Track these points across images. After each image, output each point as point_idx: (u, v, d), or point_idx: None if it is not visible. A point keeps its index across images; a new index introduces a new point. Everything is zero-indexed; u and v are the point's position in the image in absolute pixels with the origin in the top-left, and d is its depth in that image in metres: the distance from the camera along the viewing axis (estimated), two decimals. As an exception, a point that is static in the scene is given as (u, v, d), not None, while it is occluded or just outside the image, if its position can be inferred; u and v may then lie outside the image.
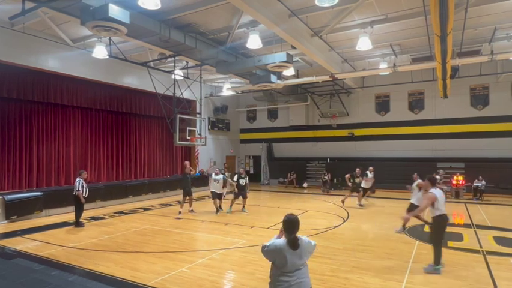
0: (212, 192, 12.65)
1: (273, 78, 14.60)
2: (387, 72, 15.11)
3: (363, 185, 13.88)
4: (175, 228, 10.09)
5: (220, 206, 12.84)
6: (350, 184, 14.01)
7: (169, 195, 17.20)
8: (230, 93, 19.94)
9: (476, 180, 15.82)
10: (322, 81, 16.79)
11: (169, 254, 7.43)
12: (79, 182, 10.40)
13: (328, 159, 21.31)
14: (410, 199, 10.04)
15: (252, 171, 25.07)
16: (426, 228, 8.63)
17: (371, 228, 10.10)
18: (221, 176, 12.76)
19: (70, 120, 14.62)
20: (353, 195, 13.93)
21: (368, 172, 14.14)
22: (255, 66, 13.18)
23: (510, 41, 13.20)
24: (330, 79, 15.51)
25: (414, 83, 17.83)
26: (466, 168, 17.24)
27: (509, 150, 16.95)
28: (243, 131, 25.75)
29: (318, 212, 12.80)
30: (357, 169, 13.95)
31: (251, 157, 25.34)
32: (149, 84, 14.24)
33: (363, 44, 11.49)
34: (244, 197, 12.77)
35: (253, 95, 22.24)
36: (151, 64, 14.02)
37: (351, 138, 21.28)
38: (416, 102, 19.75)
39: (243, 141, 25.64)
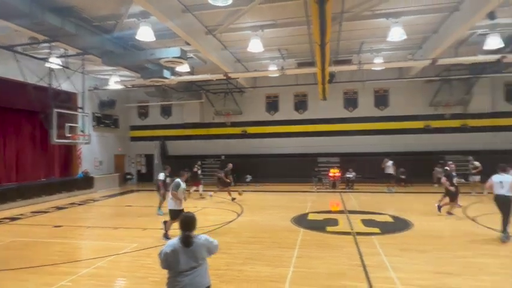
0: (174, 210, 8.08)
1: (166, 73, 14.14)
2: (277, 74, 16.24)
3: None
4: (54, 238, 8.88)
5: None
6: (228, 181, 14.66)
7: (45, 200, 15.00)
8: (118, 87, 18.47)
9: (348, 172, 18.34)
10: (216, 80, 17.03)
11: (46, 268, 6.50)
12: None
13: (223, 157, 21.74)
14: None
15: (144, 171, 23.82)
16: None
17: (261, 220, 10.71)
18: (181, 183, 8.30)
19: None
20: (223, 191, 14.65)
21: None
22: (146, 60, 12.54)
23: (373, 54, 15.65)
24: (224, 78, 15.84)
25: (299, 86, 19.63)
26: (341, 162, 19.79)
27: (373, 146, 20.12)
28: (133, 128, 24.19)
29: (213, 208, 12.97)
30: (230, 164, 15.05)
31: (143, 155, 24.03)
32: (16, 71, 12.13)
33: (255, 46, 12.09)
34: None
35: (144, 90, 21.12)
36: (19, 49, 11.96)
37: (245, 135, 22.16)
38: (300, 103, 21.75)
39: (134, 139, 24.11)
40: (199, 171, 16.43)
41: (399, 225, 9.55)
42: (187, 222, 3.34)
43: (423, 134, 19.92)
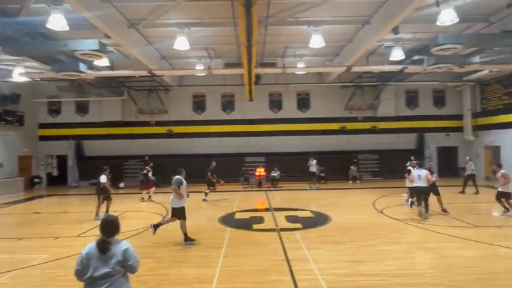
0: (177, 208, 7.93)
1: (83, 67, 12.99)
2: (203, 74, 16.09)
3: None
4: None
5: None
6: (214, 180, 14.51)
7: None
8: (24, 79, 16.36)
9: (273, 171, 19.03)
10: (140, 76, 16.22)
11: None
12: None
13: (147, 157, 20.78)
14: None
15: (55, 173, 21.56)
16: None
17: (187, 221, 10.50)
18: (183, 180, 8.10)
19: None
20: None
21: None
22: (59, 51, 11.38)
23: (296, 58, 16.49)
24: (148, 75, 15.17)
25: (226, 86, 19.75)
26: (266, 161, 20.44)
27: (296, 146, 21.20)
28: (43, 126, 21.70)
29: (136, 212, 12.33)
30: (213, 162, 14.88)
31: (54, 157, 21.73)
32: None
33: (181, 43, 11.81)
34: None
35: (56, 84, 19.13)
36: None
37: (170, 135, 21.50)
38: (228, 104, 21.89)
39: (44, 138, 21.62)
40: (150, 173, 15.17)
41: (319, 219, 10.24)
42: (106, 226, 3.13)
43: (340, 134, 21.64)
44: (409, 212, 10.79)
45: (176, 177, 8.05)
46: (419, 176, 10.04)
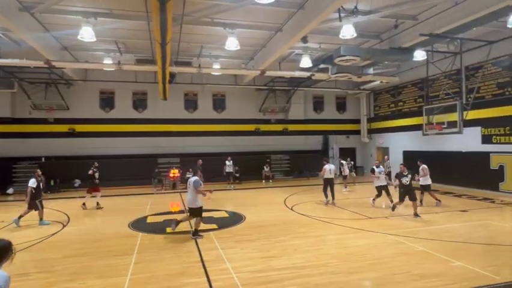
0: (198, 209, 8.47)
1: (-42, 52, 10.94)
2: (112, 69, 14.99)
3: None
4: None
5: None
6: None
7: None
8: None
9: (188, 172, 18.67)
10: (35, 67, 14.35)
11: None
12: None
13: (43, 159, 18.44)
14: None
15: None
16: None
17: (93, 229, 9.69)
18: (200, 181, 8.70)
19: None
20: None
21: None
22: None
23: (212, 59, 16.51)
24: (46, 66, 13.52)
25: (138, 83, 18.72)
26: (181, 162, 19.95)
27: (212, 147, 21.18)
28: None
29: (29, 220, 10.82)
30: (199, 161, 14.79)
31: None
32: None
33: (86, 34, 10.83)
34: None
35: None
36: None
37: (73, 134, 19.45)
38: (140, 102, 20.74)
39: None
40: (97, 175, 12.81)
41: (234, 219, 10.42)
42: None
43: (254, 136, 22.36)
44: (316, 208, 11.71)
45: (195, 178, 8.39)
46: (330, 170, 12.38)
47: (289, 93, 22.32)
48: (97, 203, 12.71)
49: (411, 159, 13.73)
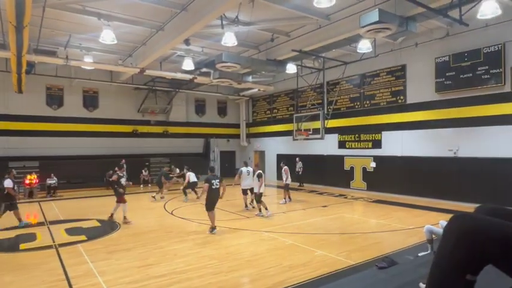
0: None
1: None
2: None
3: None
4: None
5: None
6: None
7: None
8: None
9: (49, 178, 16.25)
10: None
11: None
12: None
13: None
14: None
15: None
16: None
17: None
18: None
19: None
20: None
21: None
22: None
23: (83, 51, 14.80)
24: None
25: (-18, 71, 15.38)
26: (40, 166, 17.20)
27: (82, 149, 18.92)
28: None
29: None
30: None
31: None
32: None
33: None
34: None
35: None
36: None
37: None
38: (-17, 93, 17.00)
39: None
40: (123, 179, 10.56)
41: (107, 228, 9.54)
42: None
43: (132, 138, 20.97)
44: (197, 211, 11.73)
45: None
46: (248, 172, 11.88)
47: (171, 95, 21.78)
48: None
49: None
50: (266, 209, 10.98)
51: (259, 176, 11.16)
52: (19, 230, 9.34)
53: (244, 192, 12.07)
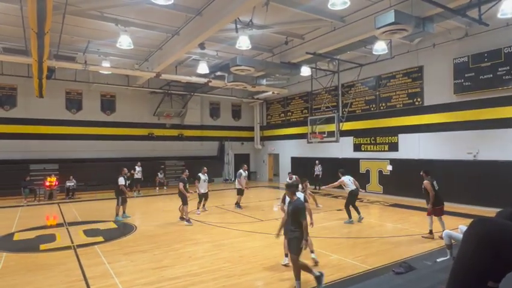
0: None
1: None
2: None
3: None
4: None
5: None
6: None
7: None
8: None
9: (68, 180, 16.63)
10: None
11: None
12: None
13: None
14: None
15: None
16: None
17: None
18: None
19: None
20: None
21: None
22: None
23: (101, 56, 15.15)
24: None
25: (5, 76, 15.94)
26: (60, 169, 17.64)
27: (99, 152, 19.33)
28: None
29: None
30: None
31: None
32: None
33: None
34: None
35: None
36: None
37: None
38: (6, 98, 17.60)
39: None
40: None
41: (123, 230, 9.68)
42: None
43: (148, 141, 21.28)
44: (211, 214, 11.77)
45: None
46: (242, 174, 12.97)
47: (186, 98, 22.02)
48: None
49: (299, 165, 15.06)
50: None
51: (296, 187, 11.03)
52: (40, 231, 9.59)
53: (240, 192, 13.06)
